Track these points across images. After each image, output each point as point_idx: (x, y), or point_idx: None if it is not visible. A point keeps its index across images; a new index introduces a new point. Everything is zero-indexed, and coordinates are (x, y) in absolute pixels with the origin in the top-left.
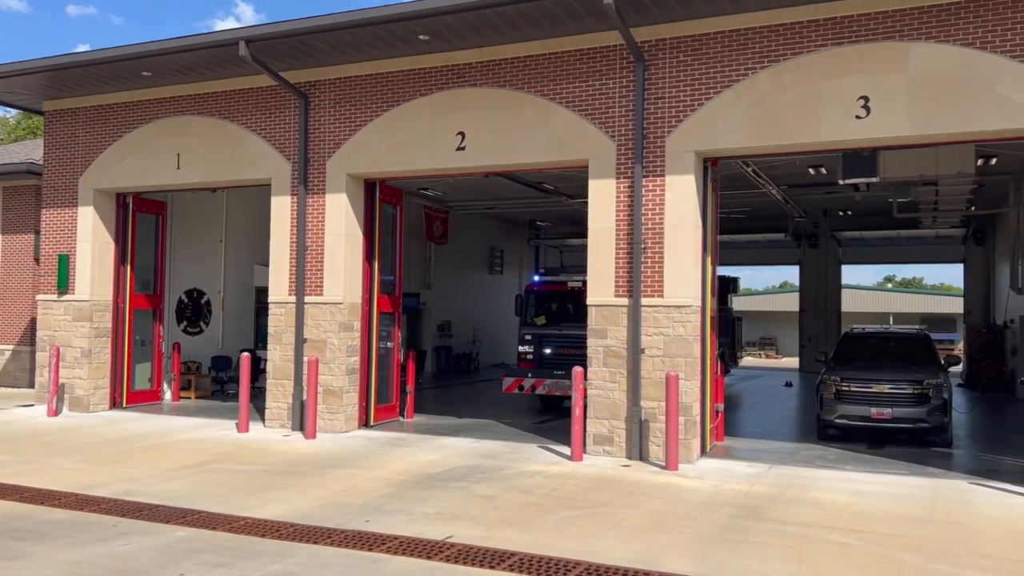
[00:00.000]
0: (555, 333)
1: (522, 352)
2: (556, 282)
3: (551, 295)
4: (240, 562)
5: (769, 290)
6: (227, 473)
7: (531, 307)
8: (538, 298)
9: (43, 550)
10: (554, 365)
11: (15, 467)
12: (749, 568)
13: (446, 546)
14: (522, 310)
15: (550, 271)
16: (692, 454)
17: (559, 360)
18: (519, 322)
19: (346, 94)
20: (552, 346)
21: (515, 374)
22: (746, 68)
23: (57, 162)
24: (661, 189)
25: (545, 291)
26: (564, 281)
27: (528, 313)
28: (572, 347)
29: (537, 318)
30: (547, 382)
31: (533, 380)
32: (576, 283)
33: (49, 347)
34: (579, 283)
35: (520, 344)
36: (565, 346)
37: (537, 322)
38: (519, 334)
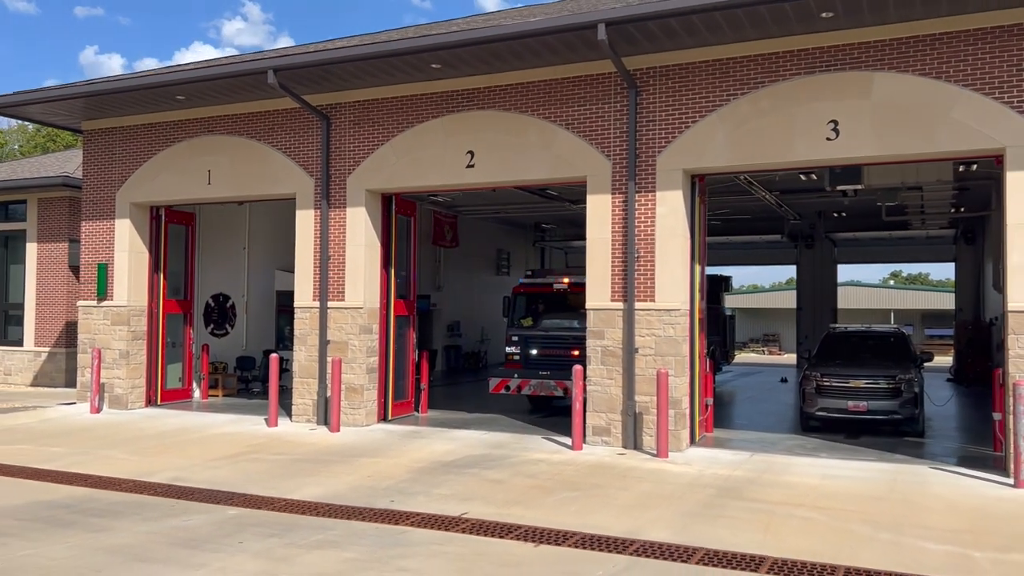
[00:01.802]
0: (541, 334)
1: (509, 353)
2: (542, 284)
3: (537, 297)
4: (287, 533)
5: (776, 287)
6: (264, 462)
7: (518, 309)
8: (524, 300)
9: (121, 524)
10: (540, 366)
11: (74, 457)
12: (722, 537)
13: (461, 520)
14: (509, 312)
15: (537, 273)
16: (682, 443)
17: (545, 361)
18: (507, 324)
19: (365, 116)
20: (538, 347)
21: (501, 375)
22: (728, 94)
23: (96, 177)
24: (652, 203)
25: (531, 293)
26: (550, 283)
27: (515, 315)
28: (558, 348)
29: (524, 319)
30: (532, 382)
31: (519, 380)
32: (561, 285)
33: (91, 349)
34: (564, 285)
35: (507, 345)
36: (551, 347)
37: (524, 323)
38: (506, 335)
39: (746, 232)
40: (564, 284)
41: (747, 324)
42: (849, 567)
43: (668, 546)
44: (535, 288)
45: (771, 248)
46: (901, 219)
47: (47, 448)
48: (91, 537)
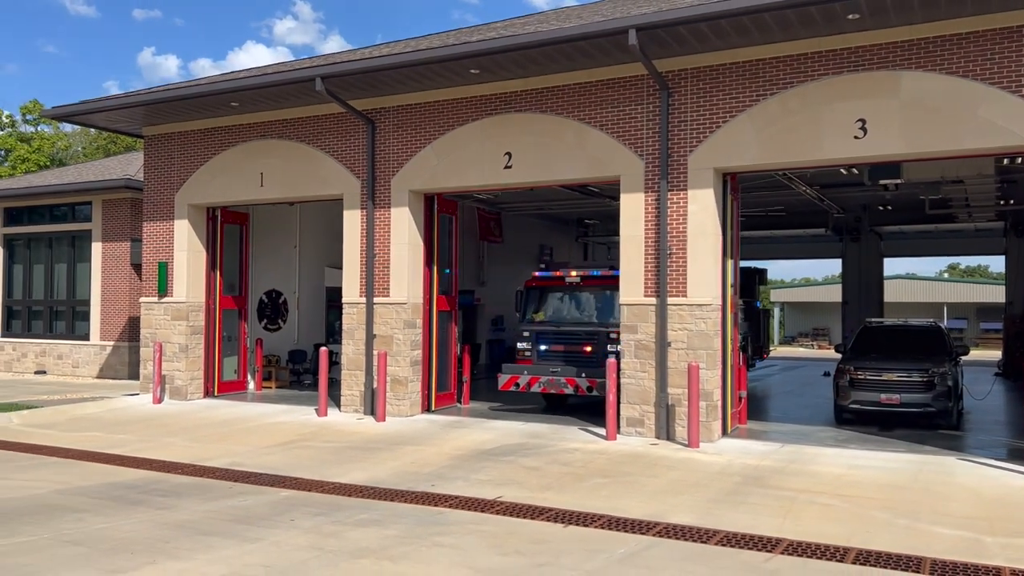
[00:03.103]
0: (552, 330)
1: (520, 349)
2: (554, 278)
3: (549, 291)
4: (334, 512)
5: (829, 280)
6: (314, 449)
7: (529, 303)
8: (536, 294)
9: (184, 503)
10: (551, 362)
11: (139, 444)
12: (742, 521)
13: (497, 503)
14: (521, 306)
15: (550, 266)
16: (713, 434)
17: (556, 357)
18: (518, 319)
19: (407, 119)
20: (549, 342)
21: (512, 371)
22: (757, 94)
23: (156, 180)
24: (684, 201)
25: (543, 287)
26: (562, 276)
27: (527, 309)
28: (569, 343)
29: (536, 314)
30: (543, 379)
31: (529, 377)
32: (573, 278)
33: (152, 343)
34: (576, 278)
35: (518, 341)
36: (562, 342)
37: (535, 318)
38: (518, 330)
39: (790, 226)
40: (576, 277)
41: (797, 318)
42: (861, 549)
43: (690, 528)
44: (547, 282)
45: (816, 242)
46: (946, 212)
47: (115, 435)
48: (158, 514)
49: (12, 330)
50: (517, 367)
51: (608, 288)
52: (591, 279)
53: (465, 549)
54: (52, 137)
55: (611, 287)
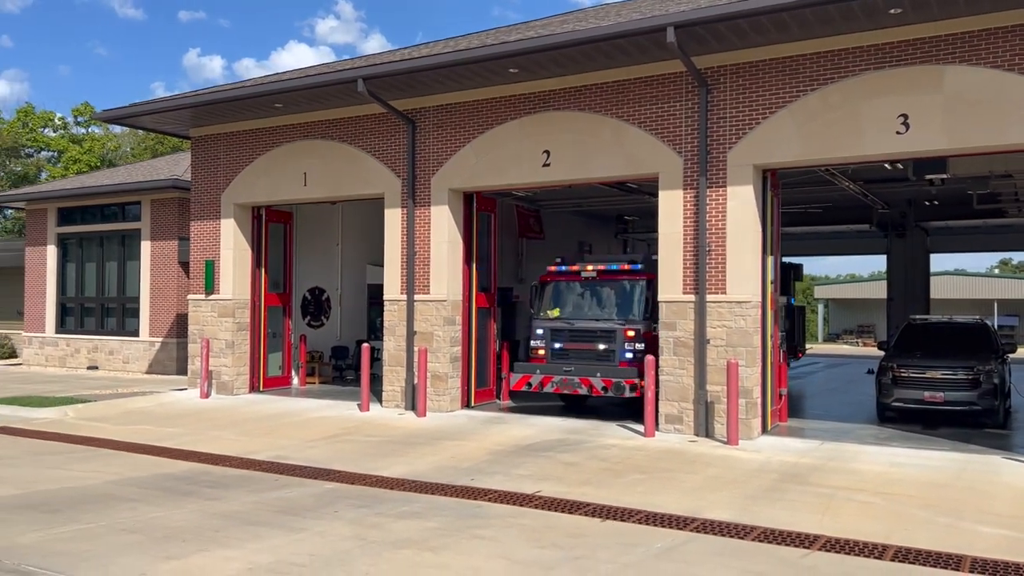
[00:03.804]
0: (566, 327)
1: (533, 347)
2: (569, 272)
3: (565, 286)
4: (376, 504)
5: (875, 276)
6: (356, 443)
7: (544, 299)
8: (551, 289)
9: (231, 494)
10: (566, 360)
11: (188, 437)
12: (779, 517)
13: (535, 498)
14: (535, 302)
15: (566, 260)
16: (753, 432)
17: (571, 355)
18: (532, 315)
19: (447, 119)
20: (564, 340)
21: (524, 370)
22: (797, 90)
23: (203, 180)
24: (723, 198)
25: (559, 281)
26: (578, 271)
27: (541, 305)
28: (584, 341)
29: (551, 310)
30: (556, 379)
31: (541, 376)
32: (589, 273)
33: (200, 339)
34: (592, 273)
35: (532, 338)
36: (577, 340)
37: (550, 315)
38: (531, 327)
39: (833, 222)
40: (592, 272)
41: (842, 315)
42: (901, 546)
43: (727, 524)
44: (562, 276)
45: (860, 238)
46: (995, 207)
47: (164, 429)
48: (207, 504)
49: (66, 326)
50: (530, 366)
51: (627, 282)
52: (608, 273)
53: (503, 541)
54: (102, 138)
55: (631, 281)
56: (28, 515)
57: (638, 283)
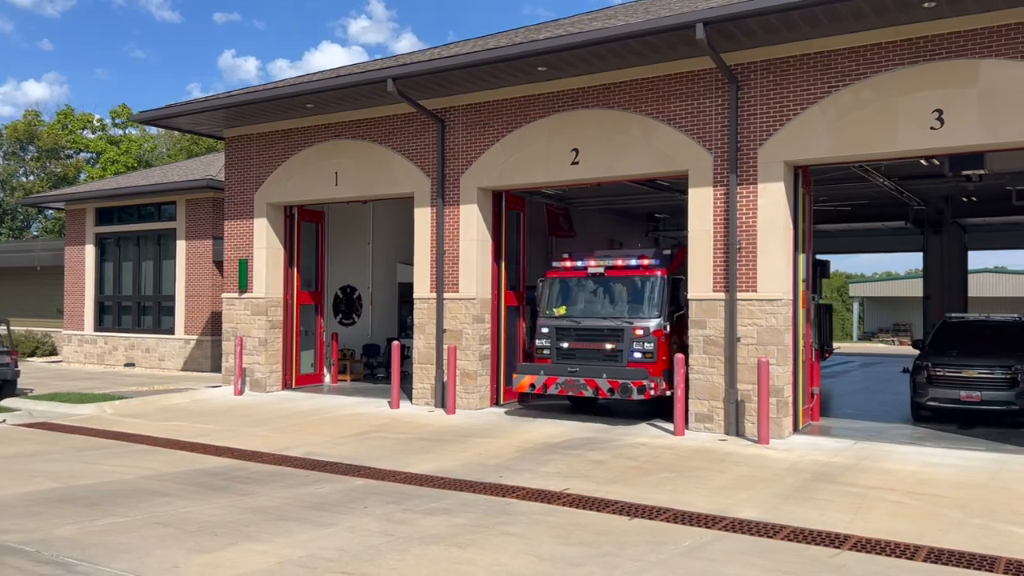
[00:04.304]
0: (572, 326)
1: (538, 347)
2: (576, 268)
3: (572, 282)
4: (405, 501)
5: (912, 274)
6: (386, 440)
7: (550, 296)
8: (557, 286)
9: (263, 490)
10: (571, 361)
11: (222, 434)
12: (809, 516)
13: (563, 495)
14: (540, 299)
15: (574, 255)
16: (784, 431)
17: (578, 356)
18: (537, 313)
19: (476, 118)
20: (570, 340)
21: (527, 371)
22: (829, 86)
23: (236, 180)
24: (754, 195)
25: (565, 278)
26: (584, 267)
27: (547, 303)
28: (590, 340)
29: (557, 308)
30: (560, 380)
31: (545, 378)
32: (596, 268)
33: (233, 337)
34: (599, 269)
35: (536, 337)
36: (583, 339)
37: (556, 313)
38: (535, 326)
39: (868, 219)
40: (599, 267)
41: (878, 313)
42: (932, 547)
43: (755, 523)
44: (568, 272)
45: (896, 235)
46: None
47: (199, 425)
48: (239, 499)
49: (104, 325)
50: (533, 366)
51: (637, 279)
52: (616, 269)
53: (531, 538)
54: (139, 139)
55: (641, 277)
56: (67, 508)
57: (648, 279)
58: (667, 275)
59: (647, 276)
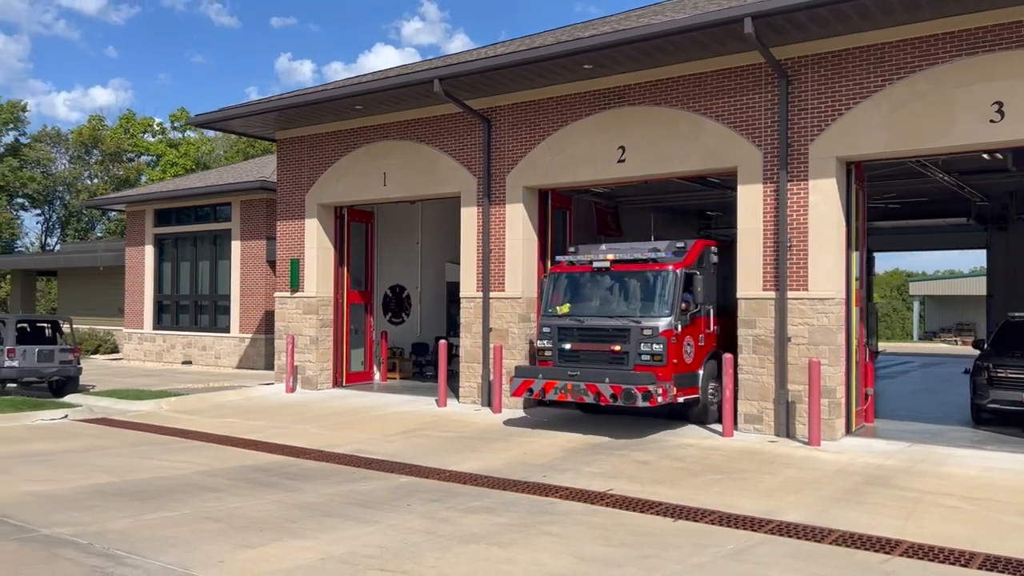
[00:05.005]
0: (575, 325)
1: (539, 348)
2: (582, 262)
3: (577, 278)
4: (449, 499)
5: (977, 272)
6: (432, 438)
7: (554, 293)
8: (562, 283)
9: (310, 486)
10: (574, 363)
11: (273, 431)
12: (859, 520)
13: (607, 496)
14: (544, 297)
15: (581, 249)
16: (836, 433)
17: (583, 358)
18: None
19: (522, 117)
20: (572, 340)
21: (525, 374)
22: (883, 79)
23: (288, 182)
24: (805, 192)
25: (571, 273)
26: (589, 261)
27: (551, 301)
28: (594, 341)
29: (561, 306)
30: (559, 384)
31: (544, 382)
32: (603, 263)
33: (285, 336)
34: (606, 263)
35: (539, 338)
36: (588, 340)
37: (560, 311)
38: (538, 325)
39: (927, 216)
40: (606, 261)
41: (939, 312)
42: (989, 554)
43: (803, 527)
44: (574, 267)
45: (957, 232)
46: None
47: (251, 422)
48: (286, 495)
49: (162, 323)
50: (532, 369)
51: (649, 274)
52: (624, 263)
53: (572, 538)
54: (197, 142)
55: (652, 272)
56: (121, 502)
57: (660, 274)
58: (679, 270)
59: (657, 271)
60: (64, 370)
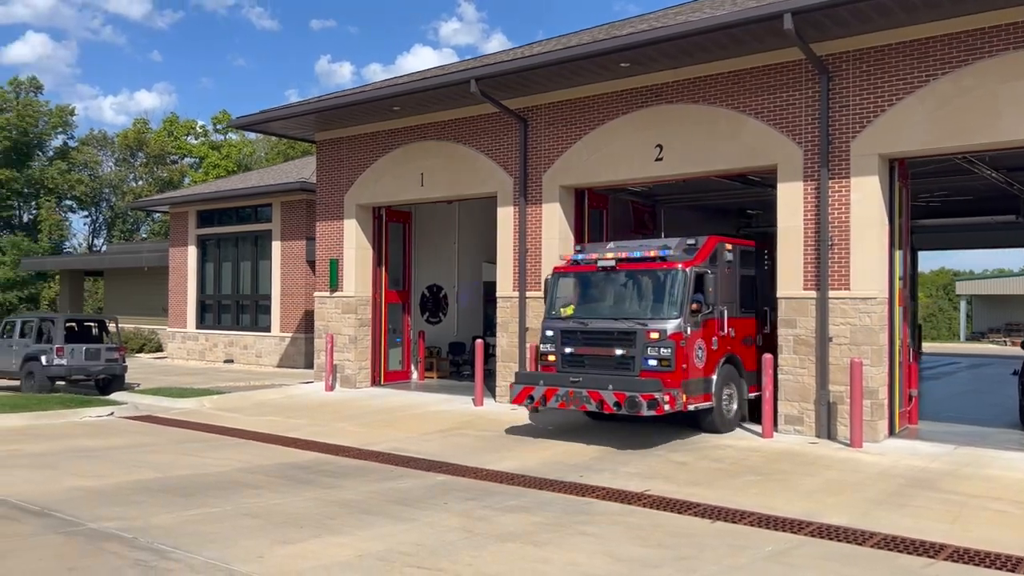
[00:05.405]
0: (578, 328)
1: (542, 352)
2: (585, 261)
3: (582, 278)
4: (485, 498)
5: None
6: (469, 437)
7: (558, 295)
8: (567, 283)
9: (349, 483)
10: (577, 369)
11: (312, 428)
12: (902, 524)
13: (643, 496)
14: (547, 298)
15: (587, 248)
16: (878, 434)
17: (587, 363)
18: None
19: (558, 116)
20: (576, 344)
21: (525, 380)
22: (927, 75)
23: (327, 182)
24: (846, 190)
25: (576, 273)
26: (594, 260)
27: (554, 302)
28: (597, 345)
29: (565, 308)
30: (560, 391)
31: (544, 389)
32: (608, 262)
33: (325, 335)
34: (610, 262)
35: (541, 341)
36: (592, 344)
37: (563, 313)
38: (541, 328)
39: (974, 213)
40: (610, 260)
41: (988, 312)
42: None
43: (844, 529)
44: (578, 267)
45: (1007, 230)
46: None
47: (291, 420)
48: (324, 492)
49: (205, 323)
50: (533, 375)
51: (659, 272)
52: (630, 262)
53: (608, 539)
54: (239, 144)
55: (662, 271)
56: (164, 498)
57: (668, 273)
58: (689, 268)
59: (665, 270)
60: (110, 368)
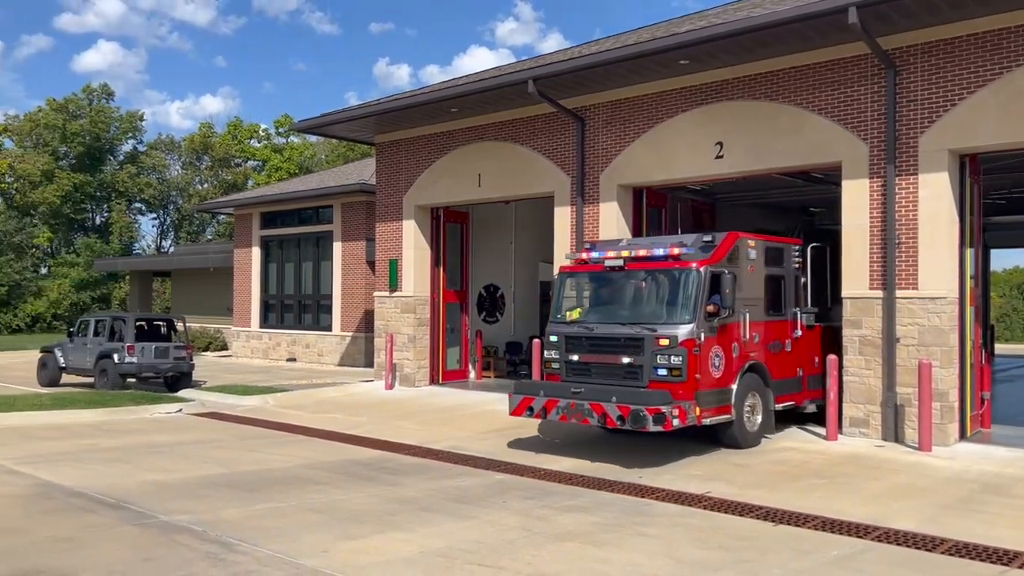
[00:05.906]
0: (584, 334)
1: (546, 359)
2: (592, 261)
3: (589, 279)
4: (544, 497)
5: None
6: (526, 436)
7: (564, 297)
8: (573, 284)
9: (409, 481)
10: (581, 377)
11: (373, 426)
12: (974, 530)
13: (703, 498)
14: (554, 301)
15: (596, 246)
16: (948, 438)
17: (593, 371)
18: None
19: (616, 115)
20: (581, 351)
21: (526, 390)
22: (1000, 67)
23: (386, 184)
24: (914, 187)
25: (584, 272)
26: (600, 260)
27: (560, 305)
28: (607, 352)
29: (571, 311)
30: (561, 403)
31: (545, 400)
32: (615, 261)
33: (384, 334)
34: (618, 261)
35: (545, 348)
36: (598, 351)
37: (569, 317)
38: (546, 333)
39: None
40: (618, 260)
41: None
42: None
43: (912, 535)
44: (586, 267)
45: None
46: None
47: (352, 417)
48: (386, 489)
49: (268, 322)
50: (533, 385)
51: (674, 272)
52: (640, 261)
53: (668, 540)
54: (300, 147)
55: (676, 271)
56: (231, 492)
57: (681, 273)
58: (704, 268)
59: (678, 270)
60: (178, 366)
